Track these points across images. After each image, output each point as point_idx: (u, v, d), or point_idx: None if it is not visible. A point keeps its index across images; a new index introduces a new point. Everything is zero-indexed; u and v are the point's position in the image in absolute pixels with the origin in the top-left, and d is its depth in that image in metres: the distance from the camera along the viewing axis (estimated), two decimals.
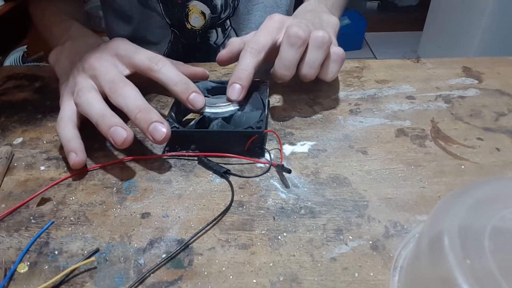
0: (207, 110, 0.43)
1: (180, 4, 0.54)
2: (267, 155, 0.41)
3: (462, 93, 0.50)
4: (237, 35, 0.61)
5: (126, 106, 0.38)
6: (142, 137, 0.45)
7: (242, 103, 0.44)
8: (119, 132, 0.37)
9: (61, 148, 0.44)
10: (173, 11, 0.55)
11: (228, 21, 0.58)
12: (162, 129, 0.37)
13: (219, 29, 0.59)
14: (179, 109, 0.45)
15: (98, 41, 0.47)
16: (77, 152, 0.39)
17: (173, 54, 0.63)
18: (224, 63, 0.48)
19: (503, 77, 0.53)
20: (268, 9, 0.62)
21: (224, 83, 0.49)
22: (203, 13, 0.54)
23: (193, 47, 0.61)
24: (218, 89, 0.48)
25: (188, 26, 0.57)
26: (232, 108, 0.43)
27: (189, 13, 0.54)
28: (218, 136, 0.41)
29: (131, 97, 0.38)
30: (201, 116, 0.42)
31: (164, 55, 0.62)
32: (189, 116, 0.44)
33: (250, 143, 0.41)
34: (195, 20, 0.55)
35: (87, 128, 0.47)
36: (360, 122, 0.46)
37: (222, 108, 0.43)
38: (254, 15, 0.60)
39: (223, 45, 0.61)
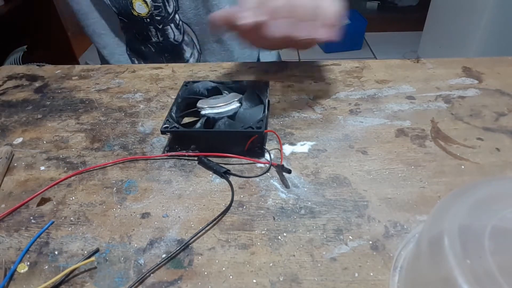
0: (210, 111, 0.43)
1: None
2: (267, 155, 0.41)
3: (462, 93, 0.50)
4: (193, 31, 0.63)
5: None
6: (141, 137, 0.45)
7: (242, 101, 0.44)
8: None
9: (60, 148, 0.44)
10: (118, 0, 0.59)
11: (177, 16, 0.61)
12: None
13: (172, 25, 0.62)
14: (179, 109, 0.46)
15: None
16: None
17: (134, 41, 0.65)
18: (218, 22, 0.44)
19: (503, 77, 0.53)
20: (215, 3, 0.62)
21: (224, 83, 0.49)
22: (145, 1, 0.59)
23: (159, 47, 0.64)
24: (218, 89, 0.48)
25: (135, 13, 0.60)
26: (233, 106, 0.43)
27: (133, 1, 0.59)
28: (218, 136, 0.41)
29: None
30: (205, 118, 0.42)
31: (126, 43, 0.64)
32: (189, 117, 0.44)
33: (250, 143, 0.41)
34: (140, 8, 0.59)
35: (88, 128, 0.47)
36: (360, 122, 0.46)
37: (223, 107, 0.43)
38: (200, 9, 0.62)
39: (184, 41, 0.63)
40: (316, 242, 0.32)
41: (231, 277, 0.30)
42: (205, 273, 0.30)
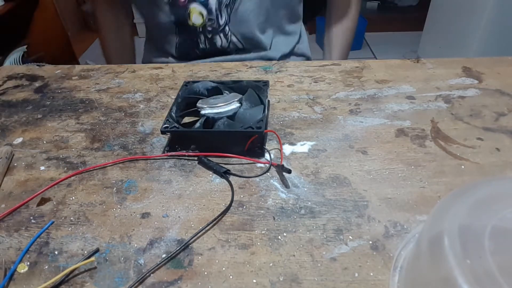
0: (209, 111, 0.43)
1: (182, 5, 0.65)
2: (267, 155, 0.41)
3: (462, 93, 0.50)
4: (238, 40, 0.69)
5: None
6: (141, 137, 0.45)
7: (242, 101, 0.44)
8: None
9: (60, 148, 0.44)
10: (177, 10, 0.66)
11: (227, 28, 0.67)
12: None
13: (221, 35, 0.68)
14: (179, 109, 0.46)
15: None
16: None
17: (184, 45, 0.71)
18: None
19: (503, 77, 0.53)
20: (263, 12, 0.68)
21: (224, 83, 0.49)
22: (201, 14, 0.66)
23: (205, 52, 0.71)
24: (218, 89, 0.48)
25: (190, 23, 0.67)
26: (233, 106, 0.43)
27: (190, 13, 0.66)
28: (218, 136, 0.41)
29: None
30: (205, 118, 0.42)
31: (176, 46, 0.71)
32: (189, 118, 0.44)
33: (250, 143, 0.41)
34: (196, 18, 0.66)
35: (88, 128, 0.47)
36: (360, 122, 0.46)
37: (223, 107, 0.43)
38: (249, 22, 0.68)
39: (229, 48, 0.69)
40: (316, 242, 0.32)
41: (231, 277, 0.30)
42: (205, 273, 0.30)
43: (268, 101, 0.47)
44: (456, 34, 1.89)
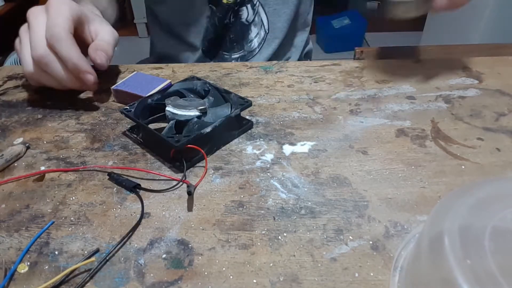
0: (171, 110, 0.42)
1: None
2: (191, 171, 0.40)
3: (462, 93, 0.50)
4: (264, 11, 0.66)
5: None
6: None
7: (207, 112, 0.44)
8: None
9: (61, 148, 0.44)
10: None
11: None
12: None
13: (249, 6, 0.65)
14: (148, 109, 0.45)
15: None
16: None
17: (211, 30, 0.69)
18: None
19: (503, 77, 0.53)
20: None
21: (218, 88, 0.48)
22: None
23: (227, 27, 0.67)
24: (181, 93, 0.48)
25: (224, 1, 0.64)
26: (191, 113, 0.42)
27: None
28: (152, 136, 0.42)
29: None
30: (174, 121, 0.42)
31: (205, 32, 0.67)
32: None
33: (190, 152, 0.39)
34: None
35: (88, 128, 0.47)
36: (360, 122, 0.46)
37: (183, 111, 0.42)
38: None
39: (253, 22, 0.67)
40: (316, 242, 0.32)
41: (231, 277, 0.30)
42: (205, 273, 0.30)
43: (252, 122, 0.45)
44: (456, 34, 1.89)
